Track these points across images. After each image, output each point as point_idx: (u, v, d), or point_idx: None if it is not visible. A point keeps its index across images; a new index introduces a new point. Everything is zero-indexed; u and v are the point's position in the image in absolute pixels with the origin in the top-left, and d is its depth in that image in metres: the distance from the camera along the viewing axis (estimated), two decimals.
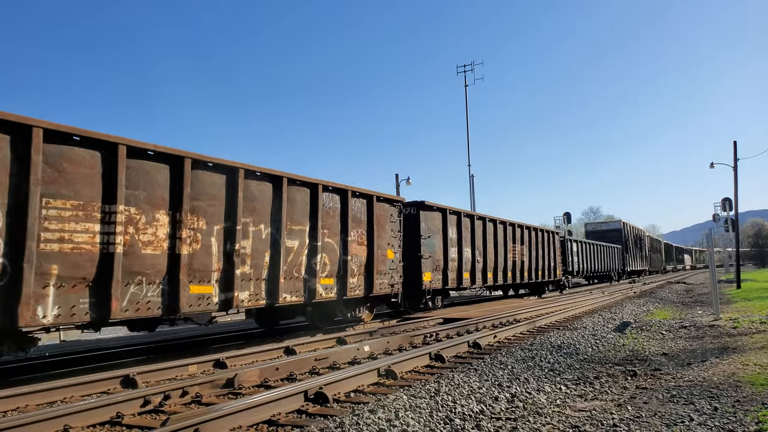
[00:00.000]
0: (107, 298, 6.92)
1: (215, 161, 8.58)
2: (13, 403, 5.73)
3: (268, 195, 9.56)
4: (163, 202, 7.78)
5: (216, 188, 8.58)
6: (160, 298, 7.67)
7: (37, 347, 8.51)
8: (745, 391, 5.64)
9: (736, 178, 28.80)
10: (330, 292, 10.86)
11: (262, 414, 4.94)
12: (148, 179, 7.60)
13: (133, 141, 7.41)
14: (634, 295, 22.18)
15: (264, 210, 9.45)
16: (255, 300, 9.14)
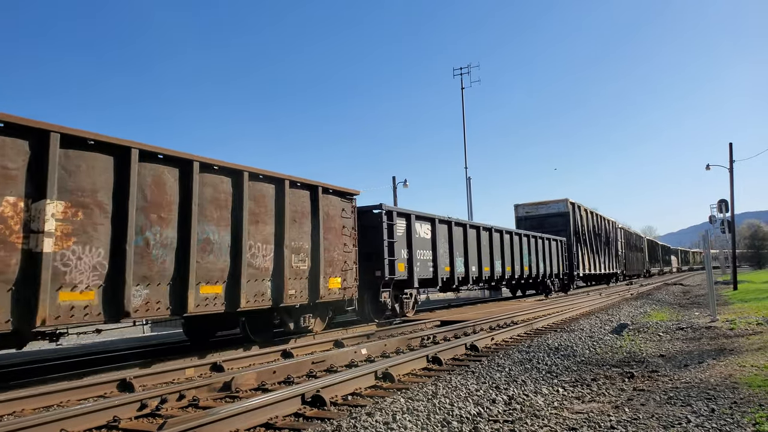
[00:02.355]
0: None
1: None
2: (10, 407, 5.71)
3: (174, 185, 8.11)
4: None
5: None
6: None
7: (33, 351, 8.47)
8: (742, 393, 5.65)
9: (732, 180, 28.89)
10: (261, 300, 9.40)
11: (259, 417, 4.93)
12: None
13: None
14: (630, 297, 22.21)
15: (170, 203, 8.05)
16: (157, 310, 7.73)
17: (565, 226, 29.07)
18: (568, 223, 29.21)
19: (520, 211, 30.96)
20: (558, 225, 28.95)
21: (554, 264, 26.20)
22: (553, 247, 26.35)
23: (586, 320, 13.24)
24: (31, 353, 12.70)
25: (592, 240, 33.07)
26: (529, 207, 30.69)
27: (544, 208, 30.29)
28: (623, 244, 43.30)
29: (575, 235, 29.69)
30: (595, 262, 33.52)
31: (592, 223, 33.59)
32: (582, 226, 31.19)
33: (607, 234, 37.31)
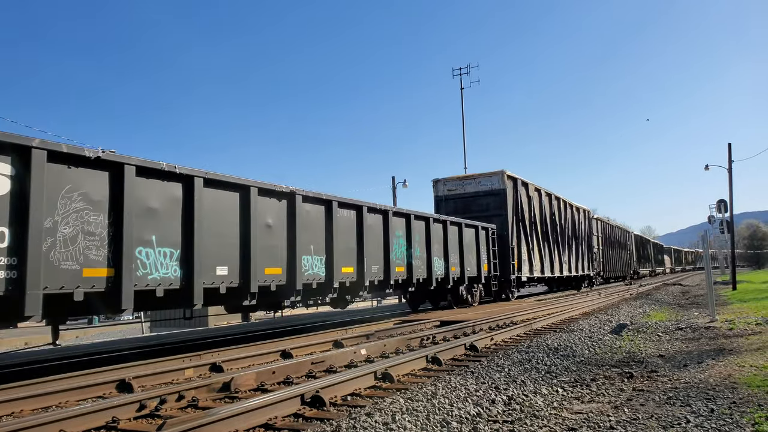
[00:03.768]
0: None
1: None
2: (8, 408, 5.70)
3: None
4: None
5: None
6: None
7: (33, 351, 8.46)
8: (742, 393, 5.65)
9: (731, 180, 28.91)
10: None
11: (258, 418, 4.92)
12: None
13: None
14: (630, 297, 22.22)
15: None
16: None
17: (500, 210, 20.86)
18: (504, 204, 20.86)
19: (440, 188, 22.19)
20: (490, 207, 21.06)
21: (471, 262, 17.70)
22: (468, 236, 17.63)
23: (585, 320, 13.25)
24: (30, 353, 12.69)
25: (548, 231, 24.76)
26: (453, 183, 21.86)
27: (471, 184, 21.56)
28: (601, 240, 36.04)
29: (517, 223, 21.46)
30: (553, 260, 25.14)
31: (547, 208, 25.08)
32: (528, 211, 22.79)
33: (576, 226, 29.56)
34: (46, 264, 6.28)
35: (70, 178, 6.70)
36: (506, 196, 21.01)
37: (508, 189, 21.25)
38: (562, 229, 27.12)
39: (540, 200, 24.57)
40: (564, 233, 27.42)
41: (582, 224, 31.10)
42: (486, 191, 21.35)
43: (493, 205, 21.16)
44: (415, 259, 14.33)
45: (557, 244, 26.16)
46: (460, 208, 21.28)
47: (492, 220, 20.45)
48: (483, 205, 21.35)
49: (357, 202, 12.11)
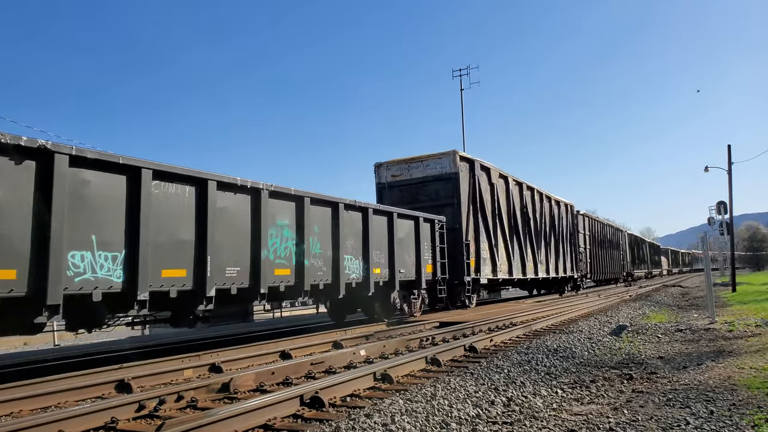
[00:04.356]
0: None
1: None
2: (7, 408, 5.70)
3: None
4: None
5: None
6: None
7: (32, 351, 8.46)
8: (741, 395, 5.65)
9: (731, 182, 28.92)
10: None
11: (257, 418, 4.92)
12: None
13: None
14: (629, 299, 22.22)
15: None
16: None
17: (452, 198, 17.27)
18: (457, 192, 17.20)
19: (383, 173, 18.50)
20: (440, 196, 17.43)
21: (408, 262, 14.14)
22: (404, 230, 14.01)
23: (584, 322, 13.25)
24: (30, 354, 12.68)
25: (518, 226, 21.24)
26: (398, 166, 18.28)
27: (418, 167, 17.95)
28: (588, 238, 32.44)
29: (474, 215, 17.85)
30: (525, 260, 21.58)
31: (516, 199, 21.56)
32: (491, 201, 19.20)
33: (556, 221, 26.14)
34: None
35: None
36: (459, 182, 17.10)
37: (462, 173, 17.44)
38: (537, 224, 23.55)
39: (507, 189, 20.92)
40: (540, 229, 23.85)
41: (564, 220, 27.47)
42: (435, 176, 17.53)
43: (444, 193, 17.41)
44: (311, 257, 10.64)
45: (531, 242, 22.50)
46: (406, 198, 17.66)
47: (443, 211, 16.65)
48: (432, 192, 17.59)
49: (198, 174, 8.58)
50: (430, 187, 17.83)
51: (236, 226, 9.19)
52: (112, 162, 7.33)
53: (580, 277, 30.02)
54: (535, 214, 23.64)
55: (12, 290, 6.19)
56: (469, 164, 18.18)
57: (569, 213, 28.90)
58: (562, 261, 26.67)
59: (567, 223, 28.07)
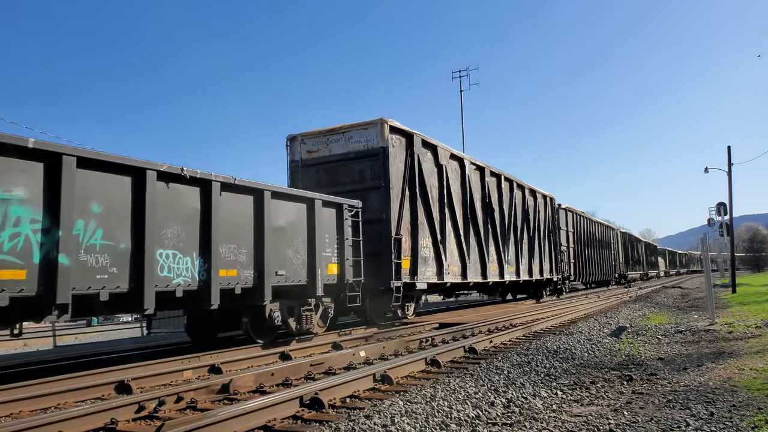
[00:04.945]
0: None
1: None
2: (7, 409, 5.69)
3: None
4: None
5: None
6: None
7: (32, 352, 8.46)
8: (741, 396, 5.65)
9: (731, 183, 28.94)
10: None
11: (257, 419, 4.91)
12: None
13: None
14: (629, 300, 22.22)
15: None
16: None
17: (378, 180, 13.45)
18: (385, 172, 13.37)
19: (297, 149, 14.63)
20: (365, 177, 13.70)
21: (292, 261, 10.41)
22: (286, 217, 10.37)
23: (584, 323, 13.25)
24: (29, 354, 12.68)
25: (476, 219, 17.30)
26: (315, 140, 14.53)
27: (339, 141, 14.23)
28: (572, 236, 28.68)
29: (411, 201, 13.98)
30: (486, 260, 17.58)
31: (475, 186, 17.65)
32: (438, 187, 15.36)
33: (532, 215, 22.43)
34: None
35: None
36: (388, 160, 13.20)
37: (394, 149, 13.49)
38: (505, 217, 19.69)
39: (463, 174, 16.78)
40: (509, 224, 20.01)
41: (542, 214, 23.67)
42: (359, 152, 13.65)
43: (370, 174, 13.57)
44: (82, 252, 7.01)
45: (495, 238, 18.58)
46: (324, 180, 13.83)
47: (368, 196, 13.19)
48: (355, 173, 13.75)
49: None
50: (353, 167, 13.76)
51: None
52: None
53: (562, 279, 26.09)
54: (502, 205, 19.52)
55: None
56: (405, 138, 14.03)
57: (548, 206, 24.86)
58: (538, 261, 22.68)
59: (545, 218, 24.21)
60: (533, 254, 22.23)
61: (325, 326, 11.41)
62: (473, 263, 16.90)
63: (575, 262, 28.89)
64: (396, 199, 13.42)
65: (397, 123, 13.86)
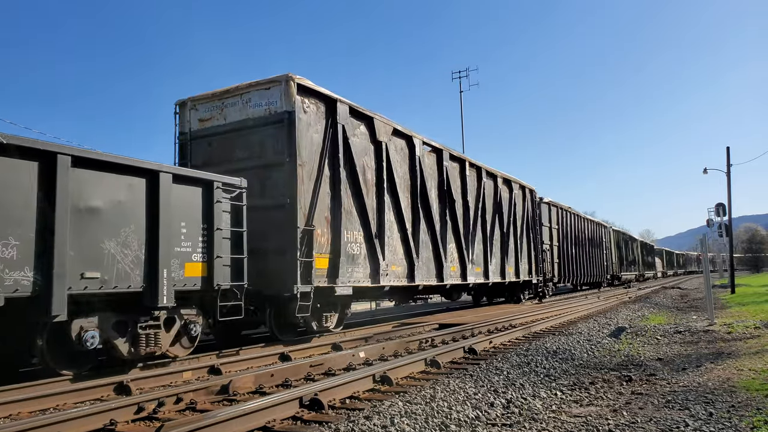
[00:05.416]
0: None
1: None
2: (6, 411, 5.69)
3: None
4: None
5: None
6: None
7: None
8: (740, 397, 5.66)
9: (729, 184, 28.96)
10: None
11: (257, 420, 4.91)
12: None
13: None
14: (628, 301, 22.24)
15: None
16: None
17: (282, 155, 10.29)
18: (291, 144, 10.20)
19: (188, 117, 11.49)
20: (266, 151, 10.60)
21: (126, 259, 7.43)
22: (114, 197, 7.37)
23: (584, 324, 13.26)
24: None
25: (429, 209, 14.43)
26: (208, 105, 11.38)
27: (236, 105, 11.04)
28: (557, 234, 26.11)
29: (334, 183, 11.11)
30: (443, 258, 14.76)
31: (425, 170, 14.46)
32: (370, 167, 12.40)
33: (506, 209, 19.74)
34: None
35: None
36: (294, 128, 10.09)
37: (304, 116, 10.36)
38: (470, 210, 16.81)
39: (411, 155, 13.92)
40: (475, 217, 17.14)
41: (518, 208, 21.09)
42: (259, 118, 10.57)
43: (272, 146, 10.42)
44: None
45: (456, 234, 15.80)
46: (217, 155, 10.87)
47: (270, 175, 10.30)
48: (254, 145, 10.63)
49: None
50: (252, 138, 10.63)
51: None
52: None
53: (544, 281, 23.65)
54: (467, 196, 16.68)
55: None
56: (324, 105, 10.91)
57: (528, 200, 22.31)
58: (514, 261, 20.11)
59: (524, 213, 21.67)
60: (507, 253, 19.53)
61: (191, 347, 8.78)
62: (424, 263, 14.08)
63: (560, 262, 26.26)
64: (308, 179, 10.29)
65: (311, 83, 10.56)
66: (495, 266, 18.52)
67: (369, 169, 12.29)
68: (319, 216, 10.50)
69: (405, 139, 13.88)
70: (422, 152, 14.52)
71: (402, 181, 13.40)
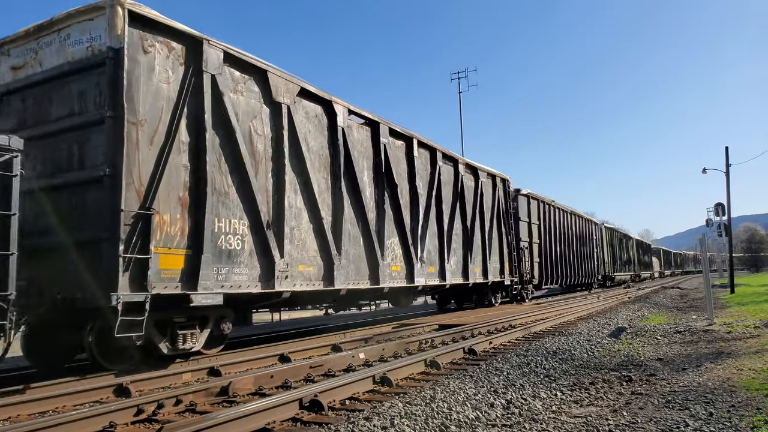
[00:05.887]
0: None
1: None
2: (5, 413, 5.68)
3: None
4: None
5: None
6: None
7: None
8: (740, 396, 5.65)
9: (728, 184, 28.99)
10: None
11: (256, 422, 4.91)
12: None
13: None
14: (628, 301, 22.25)
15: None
16: None
17: (103, 108, 7.21)
18: (116, 92, 7.16)
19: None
20: (87, 103, 7.48)
21: None
22: None
23: (584, 324, 13.25)
24: None
25: (362, 193, 11.72)
26: (21, 48, 8.16)
27: (52, 45, 7.84)
28: (538, 230, 23.62)
29: (196, 150, 8.13)
30: (380, 255, 12.02)
31: (354, 146, 11.66)
32: (259, 134, 9.29)
33: (466, 197, 16.71)
34: None
35: None
36: (122, 71, 7.26)
37: (142, 54, 7.58)
38: (420, 198, 14.01)
39: (331, 125, 11.05)
40: (428, 207, 14.49)
41: (487, 199, 18.61)
42: (78, 61, 7.66)
43: (93, 99, 7.57)
44: None
45: (400, 226, 13.07)
46: (32, 114, 8.15)
47: (88, 137, 7.55)
48: (73, 98, 7.76)
49: None
50: (71, 87, 7.82)
51: None
52: None
53: (521, 282, 21.17)
54: (415, 181, 13.88)
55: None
56: (180, 45, 8.18)
57: (499, 190, 19.68)
58: (481, 260, 17.42)
59: (494, 205, 19.17)
60: (471, 250, 16.68)
61: None
62: (352, 261, 11.27)
63: (541, 261, 23.78)
64: (147, 144, 7.52)
65: (158, 14, 7.87)
66: (455, 265, 15.81)
67: (260, 138, 9.26)
68: (169, 196, 7.74)
69: (321, 104, 10.83)
70: (348, 123, 11.56)
71: (316, 157, 10.56)
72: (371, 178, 12.32)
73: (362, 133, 12.21)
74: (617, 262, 40.48)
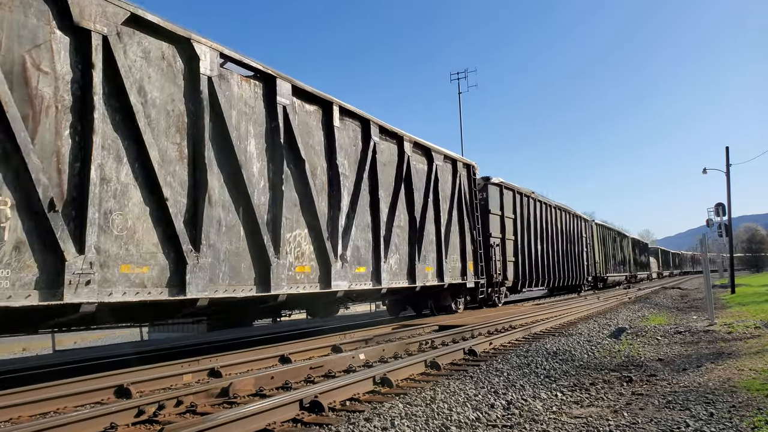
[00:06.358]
0: None
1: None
2: (6, 414, 5.68)
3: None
4: None
5: None
6: None
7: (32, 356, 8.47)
8: (741, 397, 5.65)
9: (729, 184, 28.98)
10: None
11: (257, 423, 4.91)
12: None
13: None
14: (628, 301, 22.24)
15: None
16: None
17: None
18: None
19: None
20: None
21: None
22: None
23: (584, 324, 13.25)
24: (29, 359, 12.66)
25: (236, 166, 8.54)
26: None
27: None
28: (515, 225, 20.85)
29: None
30: (276, 253, 9.13)
31: (216, 97, 8.24)
32: (35, 59, 6.03)
33: (411, 183, 13.63)
34: None
35: None
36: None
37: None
38: (346, 180, 11.31)
39: (189, 73, 8.09)
40: (354, 192, 11.60)
41: (445, 186, 15.66)
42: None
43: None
44: None
45: (312, 216, 10.22)
46: None
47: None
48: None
49: None
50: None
51: None
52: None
53: (490, 284, 18.55)
54: (334, 159, 10.93)
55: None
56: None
57: (462, 177, 16.66)
58: (435, 258, 14.67)
59: (455, 195, 16.09)
60: (420, 247, 13.76)
61: None
62: (223, 259, 8.43)
63: (518, 260, 21.04)
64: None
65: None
66: (396, 265, 12.88)
67: (45, 77, 6.33)
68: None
69: (174, 41, 7.94)
70: (221, 72, 8.60)
71: (160, 113, 7.68)
72: (262, 149, 9.31)
73: (247, 88, 9.15)
74: (610, 262, 37.54)
